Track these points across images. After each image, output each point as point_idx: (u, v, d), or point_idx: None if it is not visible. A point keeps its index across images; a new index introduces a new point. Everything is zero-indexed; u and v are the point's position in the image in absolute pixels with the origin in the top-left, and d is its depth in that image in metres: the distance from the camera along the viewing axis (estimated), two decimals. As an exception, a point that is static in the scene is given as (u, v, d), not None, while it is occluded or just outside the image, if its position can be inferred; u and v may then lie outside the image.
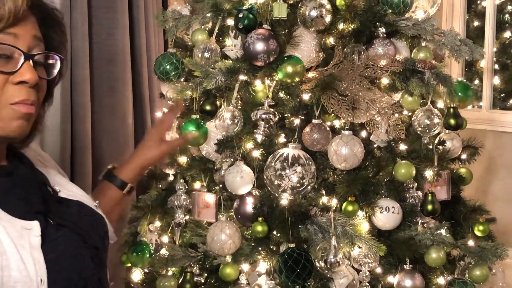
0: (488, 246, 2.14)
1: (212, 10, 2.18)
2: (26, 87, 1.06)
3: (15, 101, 1.05)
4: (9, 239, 1.02)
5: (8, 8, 1.03)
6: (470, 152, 2.35)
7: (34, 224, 1.08)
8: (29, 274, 1.02)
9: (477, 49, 2.18)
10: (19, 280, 1.01)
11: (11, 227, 1.04)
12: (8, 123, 1.06)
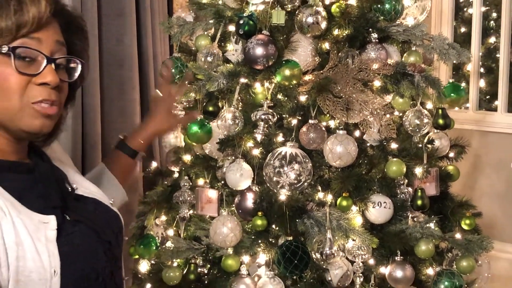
0: (474, 239, 2.14)
1: (215, 17, 2.18)
2: (48, 88, 1.07)
3: (36, 100, 1.06)
4: (26, 232, 1.03)
5: (32, 14, 1.04)
6: (458, 150, 2.35)
7: (50, 218, 1.08)
8: (44, 265, 1.03)
9: (464, 52, 2.18)
10: (34, 270, 1.02)
11: (28, 220, 1.04)
12: (30, 121, 1.07)
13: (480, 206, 2.38)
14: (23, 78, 1.05)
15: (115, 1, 2.70)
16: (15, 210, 1.04)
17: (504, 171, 2.93)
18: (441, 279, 2.07)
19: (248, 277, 2.03)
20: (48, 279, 1.03)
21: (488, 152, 3.07)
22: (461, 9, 3.14)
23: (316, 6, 2.05)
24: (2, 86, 1.05)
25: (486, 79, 3.09)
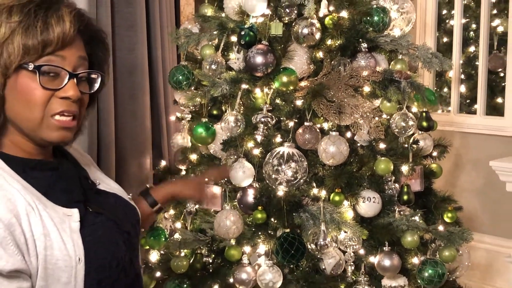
0: (455, 231, 2.14)
1: (218, 28, 2.18)
2: (69, 101, 1.07)
3: (57, 112, 1.06)
4: (52, 224, 1.03)
5: (57, 34, 1.04)
6: (440, 150, 2.35)
7: (74, 211, 1.09)
8: (69, 253, 1.03)
9: (446, 61, 2.18)
10: (60, 258, 1.02)
11: (54, 213, 1.05)
12: (50, 132, 1.07)
13: (461, 201, 2.38)
14: (47, 92, 1.05)
15: (127, 15, 2.69)
16: (42, 204, 1.04)
17: (482, 169, 2.92)
18: (426, 268, 2.07)
19: (249, 266, 2.03)
20: (73, 266, 1.03)
21: (468, 152, 3.07)
22: (443, 21, 3.13)
23: (311, 19, 2.05)
24: (27, 99, 1.05)
25: (466, 85, 3.09)
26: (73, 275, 1.03)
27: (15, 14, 1.02)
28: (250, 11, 2.10)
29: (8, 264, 0.95)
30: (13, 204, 1.00)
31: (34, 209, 1.02)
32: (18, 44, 1.02)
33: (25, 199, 1.02)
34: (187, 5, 3.03)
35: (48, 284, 1.01)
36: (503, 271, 2.81)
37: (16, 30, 1.02)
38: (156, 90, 2.85)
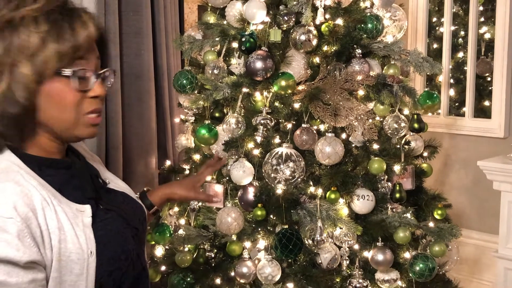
0: (445, 227, 2.15)
1: (220, 35, 2.18)
2: (98, 100, 1.09)
3: (89, 111, 1.08)
4: (66, 218, 1.04)
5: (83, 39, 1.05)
6: (431, 150, 2.35)
7: (86, 207, 1.09)
8: (81, 246, 1.04)
9: (436, 65, 2.18)
10: (73, 251, 1.03)
11: (68, 208, 1.06)
12: (84, 130, 1.09)
13: (450, 199, 2.38)
14: (79, 94, 1.06)
15: (134, 22, 2.70)
16: (56, 200, 1.05)
17: (470, 168, 2.93)
18: (417, 262, 2.08)
19: (249, 260, 2.03)
20: (86, 259, 1.04)
21: (457, 152, 3.07)
22: (434, 28, 3.14)
23: (308, 26, 2.05)
24: (62, 102, 1.05)
25: (455, 89, 3.09)
26: (85, 267, 1.03)
27: (42, 24, 1.01)
28: (250, 19, 2.11)
29: (25, 255, 0.95)
30: (30, 199, 1.00)
31: (49, 204, 1.02)
32: (52, 52, 1.01)
33: (41, 195, 1.02)
34: (191, 13, 3.04)
35: (61, 275, 1.01)
36: (490, 265, 2.81)
37: (47, 38, 1.01)
38: (161, 93, 2.86)
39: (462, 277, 2.62)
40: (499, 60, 2.80)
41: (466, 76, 2.97)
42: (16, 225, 0.96)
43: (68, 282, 1.02)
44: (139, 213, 1.28)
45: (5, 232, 0.95)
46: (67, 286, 1.02)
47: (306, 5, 2.07)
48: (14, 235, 0.95)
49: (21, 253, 0.95)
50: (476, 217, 2.99)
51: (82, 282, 1.03)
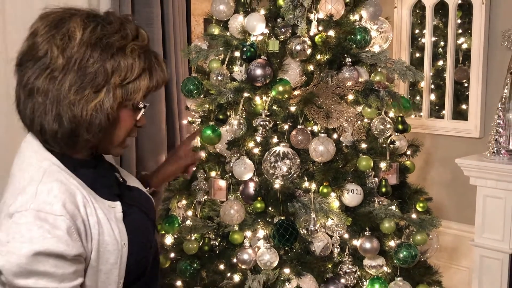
0: (426, 218, 2.14)
1: (224, 45, 2.18)
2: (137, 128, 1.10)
3: (130, 137, 1.10)
4: (103, 214, 1.05)
5: (161, 81, 1.09)
6: (413, 149, 2.35)
7: (117, 204, 1.10)
8: (116, 239, 1.05)
9: (418, 73, 2.18)
10: (110, 243, 1.04)
11: (102, 205, 1.06)
12: (119, 150, 1.11)
13: (431, 193, 2.38)
14: (133, 123, 1.08)
15: (146, 33, 2.70)
16: (93, 198, 1.05)
17: (449, 165, 2.92)
18: (401, 250, 2.07)
19: (250, 248, 2.03)
20: (120, 250, 1.05)
21: (437, 151, 3.07)
22: (416, 39, 3.13)
23: (303, 37, 2.05)
24: (124, 127, 1.06)
25: (435, 94, 3.08)
26: (119, 257, 1.04)
27: (142, 60, 1.03)
28: (251, 31, 2.10)
29: (73, 250, 0.95)
30: (74, 197, 1.00)
31: (89, 202, 1.03)
32: (143, 86, 1.04)
33: (82, 193, 1.02)
34: (197, 25, 3.03)
35: (98, 264, 1.02)
36: (467, 253, 2.81)
37: (144, 73, 1.03)
38: (171, 98, 2.86)
39: (441, 263, 2.62)
40: (475, 68, 2.80)
41: (445, 82, 2.96)
42: (66, 223, 0.96)
43: (103, 270, 1.03)
44: (151, 205, 1.29)
45: (57, 229, 0.94)
46: (102, 274, 1.03)
47: (301, 18, 2.07)
48: (64, 231, 0.95)
49: (70, 248, 0.95)
50: (454, 209, 2.98)
51: (116, 270, 1.04)
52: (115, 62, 1.00)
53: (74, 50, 0.97)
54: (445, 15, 2.95)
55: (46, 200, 0.96)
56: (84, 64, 0.98)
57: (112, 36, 1.01)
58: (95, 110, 0.99)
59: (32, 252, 0.91)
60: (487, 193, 2.56)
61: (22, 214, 0.94)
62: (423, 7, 3.03)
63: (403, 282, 2.11)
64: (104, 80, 0.99)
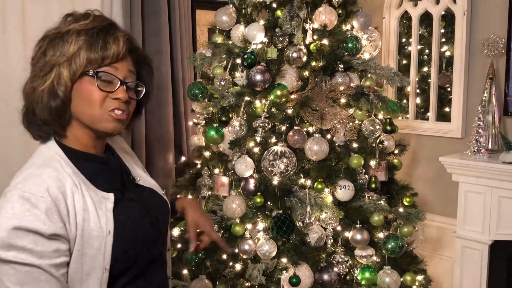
0: (412, 212, 2.15)
1: (226, 53, 2.18)
2: (119, 101, 1.09)
3: (110, 109, 1.08)
4: (91, 202, 1.05)
5: (113, 51, 1.07)
6: (401, 148, 2.35)
7: (110, 195, 1.10)
8: (101, 226, 1.04)
9: (405, 78, 2.18)
10: (94, 229, 1.03)
11: (94, 194, 1.07)
12: (107, 124, 1.09)
13: (417, 188, 2.38)
14: (103, 94, 1.07)
15: (155, 42, 2.70)
16: (85, 186, 1.06)
17: (433, 163, 2.92)
18: (389, 241, 2.07)
19: (250, 239, 2.03)
20: (104, 237, 1.04)
21: (422, 149, 3.07)
22: (403, 47, 3.13)
23: (299, 45, 2.05)
24: (89, 98, 1.07)
25: (421, 98, 3.09)
26: (103, 244, 1.04)
27: (81, 36, 1.06)
28: (251, 39, 2.10)
29: (50, 229, 0.96)
30: (62, 184, 1.02)
31: (78, 189, 1.04)
32: (83, 57, 1.06)
33: (73, 180, 1.04)
34: (202, 34, 3.03)
35: (83, 248, 1.02)
36: (450, 243, 2.81)
37: (82, 46, 1.06)
38: (177, 101, 2.86)
39: (426, 253, 2.62)
40: (457, 74, 2.80)
41: (430, 87, 2.96)
42: (46, 204, 0.97)
43: (88, 254, 1.03)
44: (162, 206, 1.27)
45: (36, 208, 0.96)
46: (87, 258, 1.02)
47: (297, 28, 2.07)
48: (42, 211, 0.96)
49: (47, 227, 0.96)
50: (438, 203, 2.98)
51: (100, 256, 1.04)
52: (54, 48, 1.07)
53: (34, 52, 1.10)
54: (430, 25, 2.96)
55: (33, 182, 1.00)
56: (36, 60, 1.09)
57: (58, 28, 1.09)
58: (48, 93, 1.06)
59: (11, 226, 0.94)
60: (468, 189, 2.56)
61: (11, 194, 0.99)
62: (410, 17, 3.03)
63: (391, 270, 2.11)
64: (49, 65, 1.07)
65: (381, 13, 3.11)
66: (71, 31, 1.07)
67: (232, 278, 2.09)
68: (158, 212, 1.22)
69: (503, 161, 2.39)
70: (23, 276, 0.95)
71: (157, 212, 1.21)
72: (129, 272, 1.10)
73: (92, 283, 1.04)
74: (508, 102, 2.59)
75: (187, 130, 2.89)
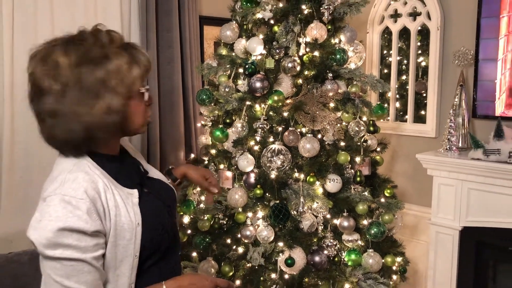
0: (392, 202, 2.15)
1: (230, 63, 2.18)
2: (150, 107, 1.11)
3: (149, 115, 1.11)
4: (121, 199, 1.04)
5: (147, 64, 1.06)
6: (382, 146, 2.35)
7: (134, 191, 1.09)
8: (131, 219, 1.04)
9: (386, 85, 2.18)
10: (125, 223, 1.03)
11: (121, 192, 1.06)
12: (144, 128, 1.11)
13: (396, 181, 2.38)
14: (144, 105, 1.08)
15: (168, 54, 2.69)
16: (113, 185, 1.05)
17: (411, 159, 2.93)
18: (372, 227, 2.08)
19: (251, 225, 2.04)
20: (134, 228, 1.04)
21: (402, 148, 3.07)
22: (384, 58, 3.13)
23: (293, 56, 2.05)
24: (140, 111, 1.07)
25: (400, 102, 3.09)
26: (133, 234, 1.04)
27: (124, 55, 1.01)
28: (252, 51, 2.10)
29: (92, 227, 0.96)
30: (96, 185, 1.00)
31: (109, 188, 1.02)
32: (136, 75, 1.02)
33: (103, 181, 1.02)
34: (209, 47, 3.03)
35: (116, 240, 1.01)
36: (425, 229, 2.81)
37: (131, 66, 1.01)
38: (187, 105, 2.86)
39: (405, 238, 2.62)
40: (432, 81, 2.80)
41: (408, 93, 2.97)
42: (86, 205, 0.96)
43: (121, 245, 1.02)
44: (171, 195, 1.27)
45: (78, 209, 0.95)
46: (120, 248, 1.02)
47: (292, 42, 2.07)
48: (84, 211, 0.95)
49: (89, 225, 0.96)
50: (415, 194, 2.98)
51: (131, 245, 1.03)
52: (103, 69, 0.99)
53: (65, 74, 0.97)
54: (408, 39, 2.96)
55: (71, 186, 0.97)
56: (79, 81, 0.97)
57: (92, 50, 0.99)
58: (104, 112, 0.99)
59: (56, 228, 0.93)
60: (441, 182, 2.56)
61: (51, 198, 0.96)
62: (390, 32, 3.03)
63: (374, 253, 2.11)
64: (101, 86, 0.98)
65: (365, 29, 3.11)
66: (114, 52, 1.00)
67: (235, 259, 2.10)
68: (169, 200, 1.22)
69: (472, 158, 2.40)
70: (69, 270, 0.94)
71: (168, 200, 1.21)
72: (153, 256, 1.10)
73: (124, 268, 1.04)
74: (476, 106, 2.59)
75: (195, 131, 2.89)
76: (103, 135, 1.02)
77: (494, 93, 2.52)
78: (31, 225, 0.95)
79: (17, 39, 2.18)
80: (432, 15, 2.81)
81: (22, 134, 2.21)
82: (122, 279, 1.04)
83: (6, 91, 2.16)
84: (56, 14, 2.30)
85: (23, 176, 2.24)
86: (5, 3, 2.14)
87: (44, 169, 2.24)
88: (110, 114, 1.00)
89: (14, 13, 2.17)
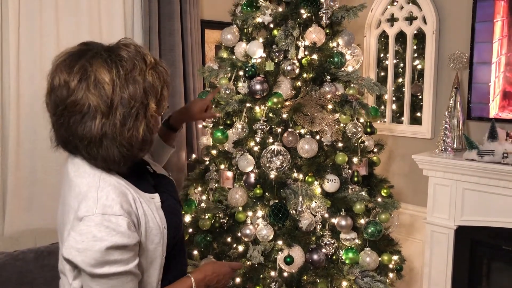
0: (389, 201, 2.15)
1: (231, 66, 2.18)
2: None
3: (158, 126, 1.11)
4: (147, 206, 1.04)
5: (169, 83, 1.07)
6: (379, 147, 2.35)
7: (156, 195, 1.09)
8: (158, 224, 1.04)
9: (382, 88, 2.18)
10: (153, 227, 1.03)
11: (145, 198, 1.05)
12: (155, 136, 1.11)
13: (393, 181, 2.38)
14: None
15: (170, 57, 2.69)
16: (137, 194, 1.04)
17: (407, 160, 2.92)
18: (369, 226, 2.08)
19: (251, 224, 2.03)
20: (161, 231, 1.05)
21: (398, 148, 3.07)
22: (381, 61, 3.13)
23: (292, 59, 2.05)
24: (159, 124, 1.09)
25: (396, 104, 3.09)
26: (161, 237, 1.04)
27: (156, 76, 1.01)
28: (252, 55, 2.10)
29: (134, 240, 0.97)
30: (126, 197, 0.99)
31: (136, 198, 1.02)
32: (165, 95, 1.03)
33: (130, 192, 1.01)
34: (210, 50, 3.03)
35: (147, 245, 1.02)
36: (421, 228, 2.81)
37: (164, 86, 1.03)
38: (189, 107, 2.85)
39: (401, 237, 2.62)
40: (427, 84, 2.80)
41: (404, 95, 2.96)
42: (125, 220, 0.96)
43: (151, 249, 1.04)
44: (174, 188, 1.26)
45: (120, 226, 0.95)
46: (150, 252, 1.04)
47: (291, 45, 2.07)
48: (125, 227, 0.95)
49: (131, 239, 0.96)
50: (411, 194, 2.98)
51: (160, 248, 1.05)
52: (143, 91, 0.98)
53: (109, 94, 0.95)
54: (404, 43, 2.96)
55: (106, 204, 0.95)
56: (123, 102, 0.96)
57: (133, 72, 0.98)
58: (145, 131, 1.00)
59: (104, 248, 0.92)
60: (437, 182, 2.56)
61: (90, 218, 0.94)
62: (387, 36, 3.03)
63: (371, 251, 2.11)
64: (141, 107, 0.98)
65: (362, 32, 3.11)
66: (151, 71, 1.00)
67: (235, 257, 2.09)
68: (176, 195, 1.22)
69: (466, 158, 2.40)
70: (115, 282, 0.95)
71: (175, 195, 1.21)
72: (173, 251, 1.11)
73: (153, 269, 1.05)
74: (470, 108, 2.59)
75: (197, 132, 2.89)
76: (142, 154, 1.03)
77: (488, 96, 2.52)
78: (71, 246, 0.93)
79: (22, 42, 2.18)
80: (428, 19, 2.81)
81: (27, 135, 2.21)
82: (151, 279, 1.05)
83: (12, 92, 2.16)
84: (61, 18, 2.31)
85: (28, 175, 2.24)
86: (11, 7, 2.14)
87: (49, 169, 2.24)
88: (147, 132, 1.01)
89: (19, 17, 2.17)
